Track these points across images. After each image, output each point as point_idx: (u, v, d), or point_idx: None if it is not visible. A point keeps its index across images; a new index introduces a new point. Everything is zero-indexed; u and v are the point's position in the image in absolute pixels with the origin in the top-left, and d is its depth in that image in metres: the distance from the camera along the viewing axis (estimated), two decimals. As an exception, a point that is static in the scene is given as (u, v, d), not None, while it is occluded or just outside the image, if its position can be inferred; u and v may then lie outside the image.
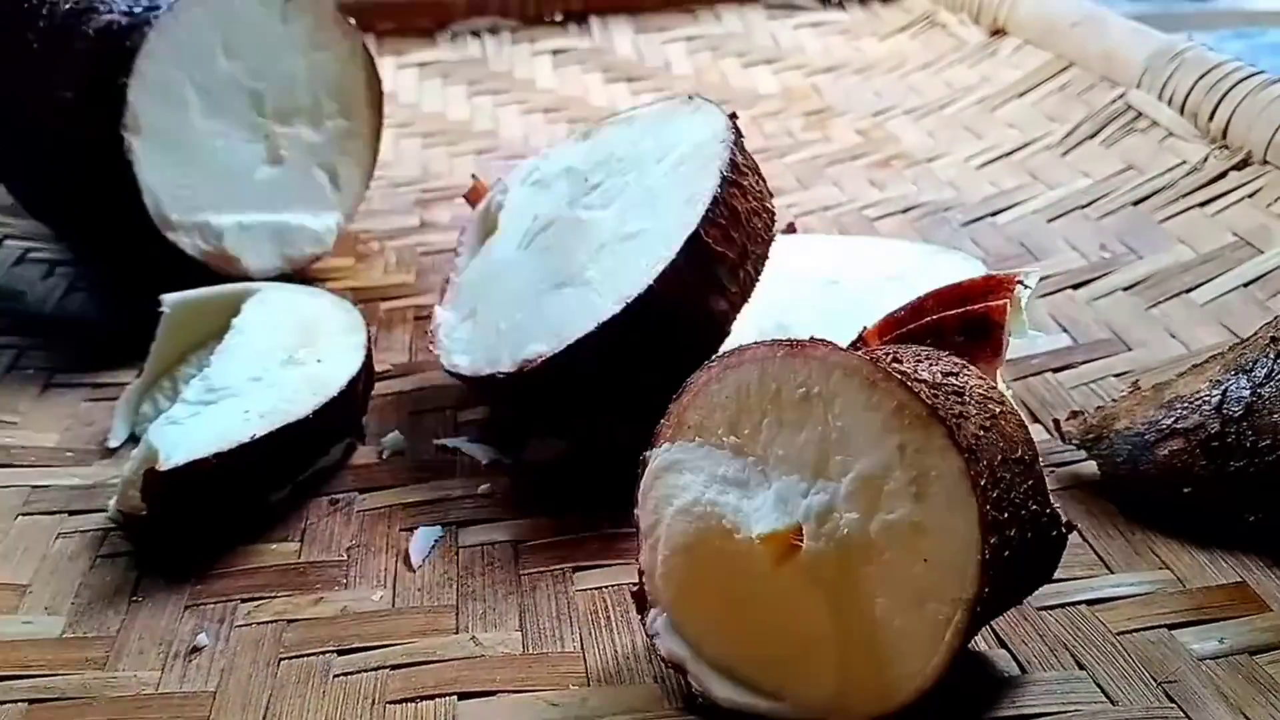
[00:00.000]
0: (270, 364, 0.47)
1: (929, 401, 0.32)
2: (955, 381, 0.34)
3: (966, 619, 0.32)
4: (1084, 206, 0.66)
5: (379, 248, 0.68)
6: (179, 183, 0.57)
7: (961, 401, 0.33)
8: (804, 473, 0.34)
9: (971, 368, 0.36)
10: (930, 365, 0.34)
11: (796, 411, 0.34)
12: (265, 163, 0.61)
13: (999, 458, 0.33)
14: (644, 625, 0.37)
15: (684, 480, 0.36)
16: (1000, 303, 0.38)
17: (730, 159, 0.44)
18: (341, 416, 0.47)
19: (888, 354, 0.34)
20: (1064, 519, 0.35)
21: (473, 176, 0.56)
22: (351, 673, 0.38)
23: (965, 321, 0.38)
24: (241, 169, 0.60)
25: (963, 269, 0.53)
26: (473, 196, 0.56)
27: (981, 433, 0.33)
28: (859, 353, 0.34)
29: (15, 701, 0.38)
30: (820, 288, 0.52)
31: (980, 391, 0.34)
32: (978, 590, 0.32)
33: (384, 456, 0.50)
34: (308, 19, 0.61)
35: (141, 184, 0.55)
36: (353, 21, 0.63)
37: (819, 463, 0.34)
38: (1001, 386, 0.37)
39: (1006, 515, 0.32)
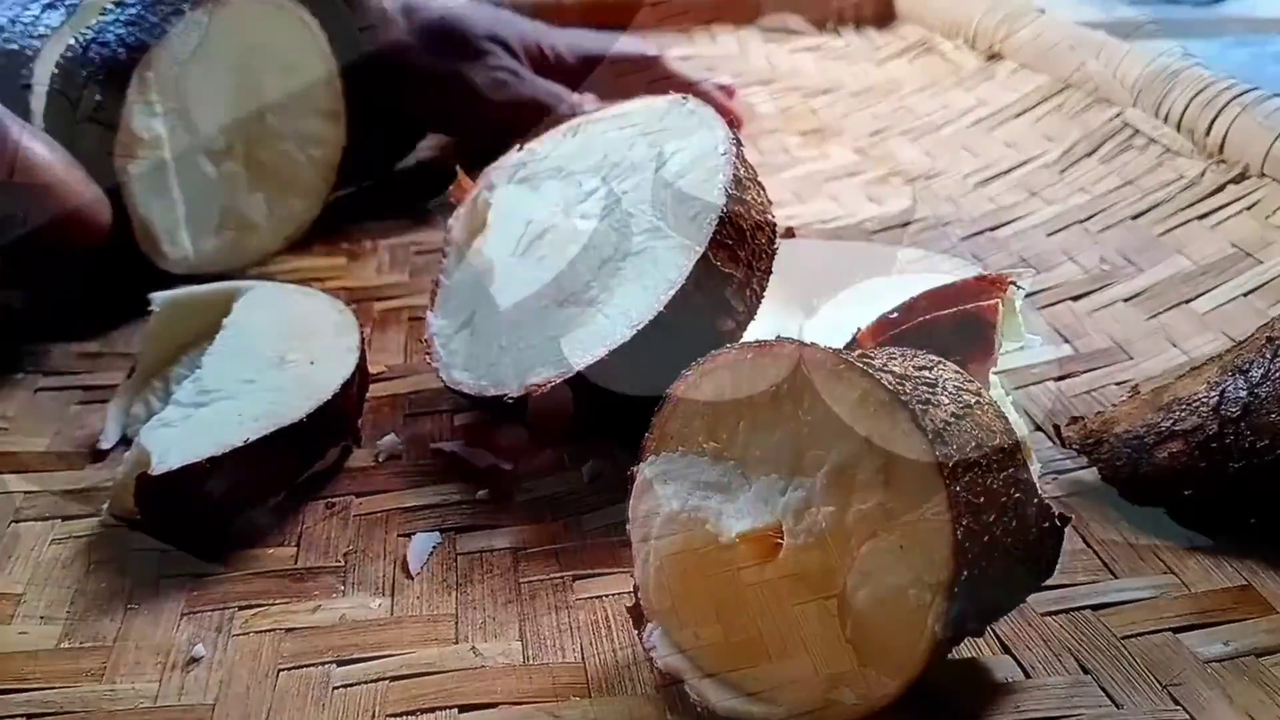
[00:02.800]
0: (263, 365, 0.47)
1: (891, 387, 0.32)
2: (929, 374, 0.34)
3: (946, 603, 0.31)
4: (1083, 221, 0.66)
5: (372, 246, 0.68)
6: (155, 101, 0.59)
7: (932, 391, 0.33)
8: (781, 470, 0.34)
9: (949, 363, 0.36)
10: (904, 360, 0.34)
11: (769, 411, 0.34)
12: (211, 162, 0.62)
13: (971, 443, 0.33)
14: (641, 640, 0.37)
15: (669, 490, 0.36)
16: (992, 303, 0.38)
17: (733, 174, 0.43)
18: (336, 419, 0.47)
19: (862, 351, 0.35)
20: (1056, 511, 0.35)
21: (456, 171, 0.55)
22: (351, 684, 0.38)
23: (958, 321, 0.38)
24: (195, 149, 0.61)
25: (959, 274, 0.53)
26: (457, 193, 0.54)
27: (952, 419, 0.33)
28: (824, 347, 0.34)
29: (14, 716, 0.37)
30: (820, 292, 0.52)
31: (955, 384, 0.34)
32: (953, 573, 0.31)
33: (380, 460, 0.49)
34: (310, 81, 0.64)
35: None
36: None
37: (794, 459, 0.34)
38: (1002, 393, 0.37)
39: (983, 499, 0.32)
